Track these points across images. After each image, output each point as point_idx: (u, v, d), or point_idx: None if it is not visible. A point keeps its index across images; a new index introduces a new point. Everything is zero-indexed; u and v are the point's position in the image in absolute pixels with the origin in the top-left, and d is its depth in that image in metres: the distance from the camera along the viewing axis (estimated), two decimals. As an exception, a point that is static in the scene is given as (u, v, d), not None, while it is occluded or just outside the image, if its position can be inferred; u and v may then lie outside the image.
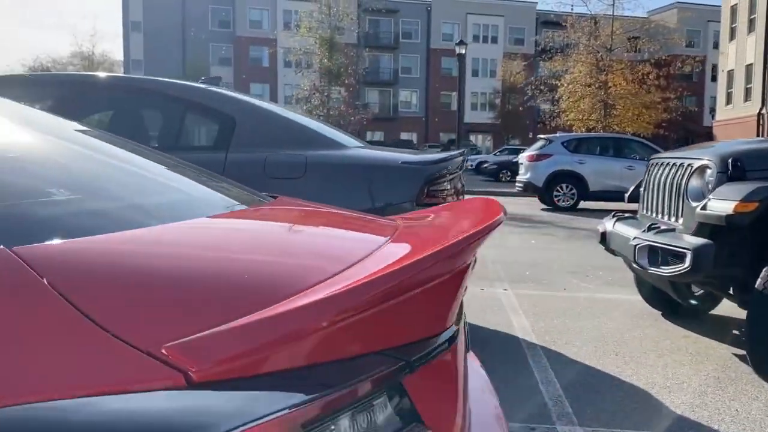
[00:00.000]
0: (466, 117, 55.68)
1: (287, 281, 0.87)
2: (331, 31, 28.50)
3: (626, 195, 5.07)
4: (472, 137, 56.30)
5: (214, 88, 3.92)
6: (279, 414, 0.66)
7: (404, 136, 54.79)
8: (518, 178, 15.53)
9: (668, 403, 3.20)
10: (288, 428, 0.67)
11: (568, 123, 25.72)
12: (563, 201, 14.23)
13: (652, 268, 3.73)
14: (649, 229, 3.90)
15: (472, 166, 35.35)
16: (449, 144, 41.78)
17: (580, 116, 25.17)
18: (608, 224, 4.59)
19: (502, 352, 3.99)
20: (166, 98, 3.80)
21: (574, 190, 14.16)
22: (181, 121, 3.78)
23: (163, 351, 0.68)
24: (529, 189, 14.73)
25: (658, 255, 3.70)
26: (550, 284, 6.10)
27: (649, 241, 3.78)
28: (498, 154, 33.83)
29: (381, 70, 56.63)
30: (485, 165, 31.74)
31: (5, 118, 1.39)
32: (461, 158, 4.19)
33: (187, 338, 0.69)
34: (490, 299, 5.36)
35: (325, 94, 29.16)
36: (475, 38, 55.74)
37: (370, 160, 3.65)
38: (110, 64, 57.55)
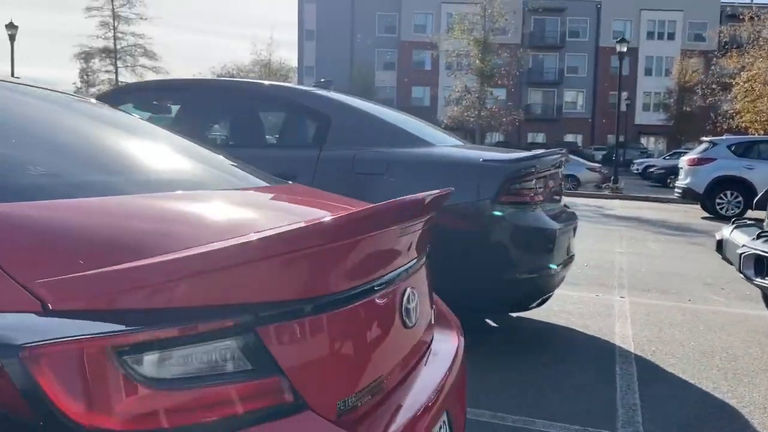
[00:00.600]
0: (637, 118, 52.59)
1: (157, 243, 1.04)
2: (485, 33, 28.38)
3: (754, 201, 4.66)
4: (643, 140, 53.08)
5: (314, 90, 4.21)
6: (86, 336, 0.84)
7: (569, 138, 52.99)
8: (677, 183, 14.49)
9: (757, 424, 2.95)
10: (96, 348, 0.84)
11: (743, 125, 23.36)
12: (728, 209, 13.05)
13: (757, 279, 3.44)
14: (759, 237, 3.58)
15: (638, 170, 33.34)
16: (619, 145, 39.72)
17: (758, 117, 22.74)
18: (726, 232, 4.26)
19: (590, 358, 3.88)
20: (273, 99, 4.16)
21: (740, 198, 12.94)
22: (284, 120, 4.12)
23: (33, 285, 0.88)
24: (688, 195, 13.69)
25: (764, 265, 3.40)
26: (676, 294, 5.72)
27: (756, 249, 3.48)
28: (667, 157, 31.57)
29: (545, 70, 55.20)
30: (652, 169, 29.81)
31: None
32: (556, 157, 4.13)
33: (55, 278, 0.89)
34: (600, 306, 5.17)
35: (476, 95, 29.10)
36: (649, 35, 52.52)
37: (450, 158, 3.73)
38: (286, 70, 61.67)
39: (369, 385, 1.21)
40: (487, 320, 4.59)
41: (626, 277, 6.42)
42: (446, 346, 1.71)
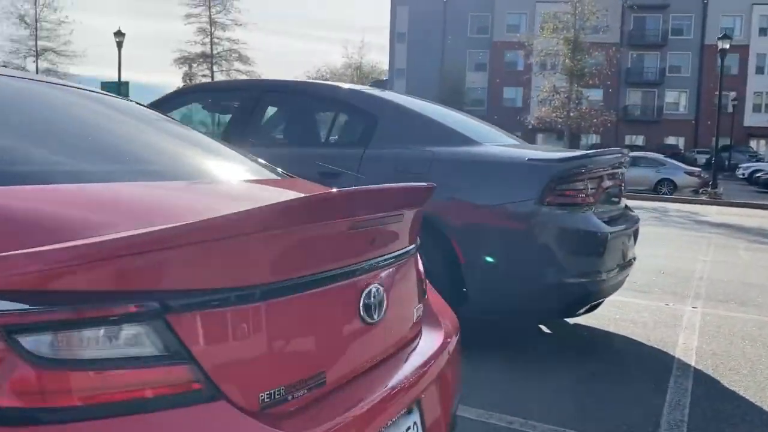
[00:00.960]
0: (746, 120, 49.42)
1: (84, 229, 1.06)
2: (576, 31, 27.42)
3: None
4: (752, 142, 49.81)
5: (362, 89, 4.23)
6: None
7: (670, 140, 50.48)
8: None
9: (817, 451, 2.69)
10: None
11: None
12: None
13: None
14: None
15: (743, 174, 31.29)
16: (724, 148, 37.46)
17: None
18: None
19: (643, 369, 3.67)
20: (322, 99, 4.22)
21: None
22: (333, 120, 4.15)
23: None
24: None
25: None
26: (757, 307, 5.31)
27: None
28: (779, 162, 29.43)
29: (645, 70, 52.84)
30: (759, 174, 27.90)
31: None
32: (613, 157, 3.94)
33: None
34: (668, 315, 4.88)
35: (565, 95, 28.21)
36: (761, 31, 49.17)
37: (494, 157, 3.63)
38: (378, 73, 62.32)
39: (305, 380, 1.19)
40: (541, 326, 4.44)
41: (704, 287, 6.03)
42: (428, 345, 1.66)
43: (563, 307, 3.55)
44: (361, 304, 1.36)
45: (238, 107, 4.37)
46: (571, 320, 4.53)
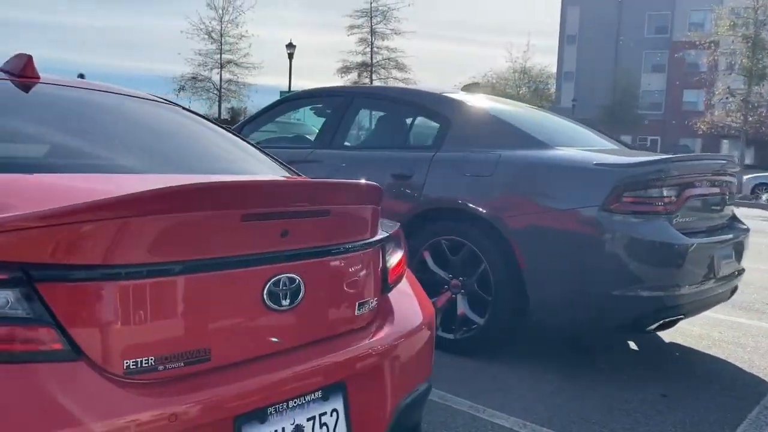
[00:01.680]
0: None
1: None
2: (756, 27, 24.55)
3: None
4: None
5: (437, 92, 4.26)
6: None
7: None
8: None
9: None
10: None
11: None
12: None
13: None
14: None
15: None
16: None
17: None
18: None
19: (724, 396, 3.32)
20: (398, 102, 4.32)
21: None
22: (409, 123, 4.23)
23: None
24: None
25: None
26: None
27: None
28: None
29: None
30: None
31: None
32: (710, 162, 3.64)
33: None
34: (791, 342, 4.34)
35: (741, 98, 25.40)
36: None
37: (561, 160, 3.49)
38: (546, 76, 60.58)
39: (182, 353, 1.31)
40: (630, 342, 4.17)
41: None
42: (374, 337, 1.71)
43: (629, 322, 3.32)
44: (265, 291, 1.45)
45: (331, 112, 4.60)
46: (666, 338, 4.20)
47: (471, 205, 3.62)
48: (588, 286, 3.29)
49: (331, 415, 1.57)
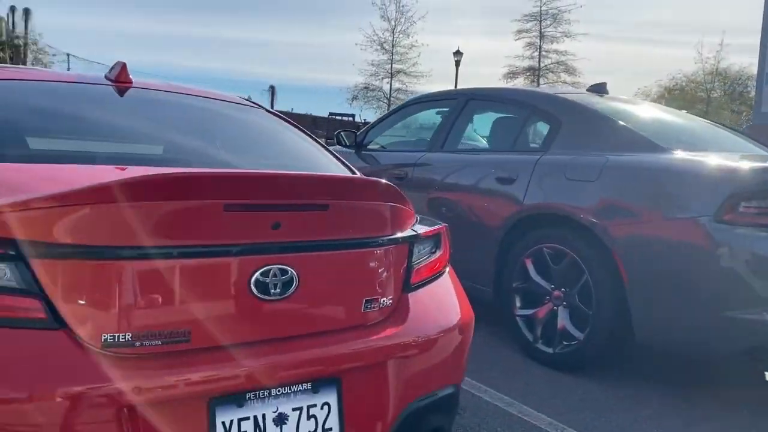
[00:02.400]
0: None
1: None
2: None
3: None
4: None
5: (550, 92, 4.05)
6: None
7: None
8: None
9: None
10: None
11: None
12: None
13: None
14: None
15: None
16: None
17: None
18: None
19: None
20: (508, 103, 4.19)
21: None
22: (519, 124, 4.07)
23: None
24: None
25: None
26: None
27: None
28: None
29: None
30: None
31: None
32: None
33: None
34: None
35: None
36: None
37: (672, 165, 3.15)
38: (746, 78, 54.90)
39: (160, 332, 1.40)
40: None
41: None
42: (383, 335, 1.69)
43: (745, 349, 2.92)
44: (252, 280, 1.50)
45: (445, 114, 4.58)
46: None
47: (573, 211, 3.41)
48: (696, 304, 2.96)
49: (322, 408, 1.58)
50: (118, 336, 1.37)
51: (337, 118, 34.00)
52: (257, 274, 1.50)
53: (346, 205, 1.67)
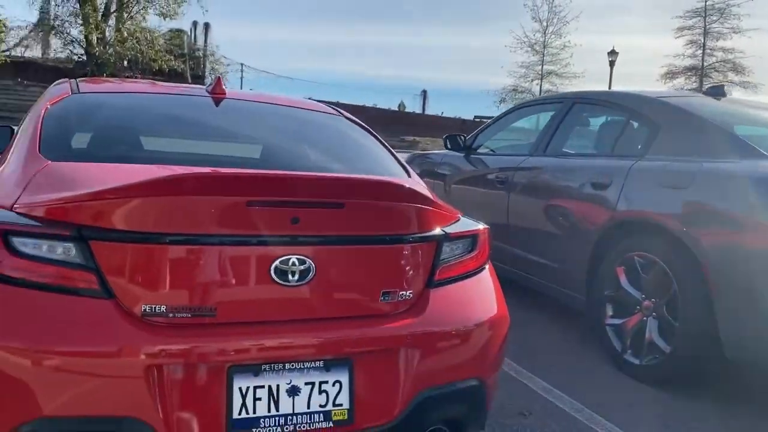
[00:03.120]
0: None
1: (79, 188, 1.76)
2: None
3: None
4: None
5: (651, 95, 3.89)
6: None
7: None
8: None
9: None
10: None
11: None
12: None
13: None
14: None
15: None
16: None
17: None
18: None
19: None
20: (608, 107, 4.07)
21: None
22: (617, 128, 3.96)
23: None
24: None
25: None
26: None
27: None
28: None
29: None
30: None
31: None
32: None
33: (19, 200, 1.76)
34: None
35: None
36: None
37: (763, 173, 2.94)
38: None
39: (190, 307, 1.65)
40: None
41: None
42: (400, 324, 1.85)
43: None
44: (272, 268, 1.71)
45: (551, 118, 4.56)
46: None
47: (662, 219, 3.29)
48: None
49: (333, 386, 1.75)
50: (155, 307, 1.64)
51: (484, 120, 33.90)
52: (277, 262, 1.72)
53: (361, 204, 1.83)
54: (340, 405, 1.76)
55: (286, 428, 1.70)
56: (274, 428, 1.69)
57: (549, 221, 4.18)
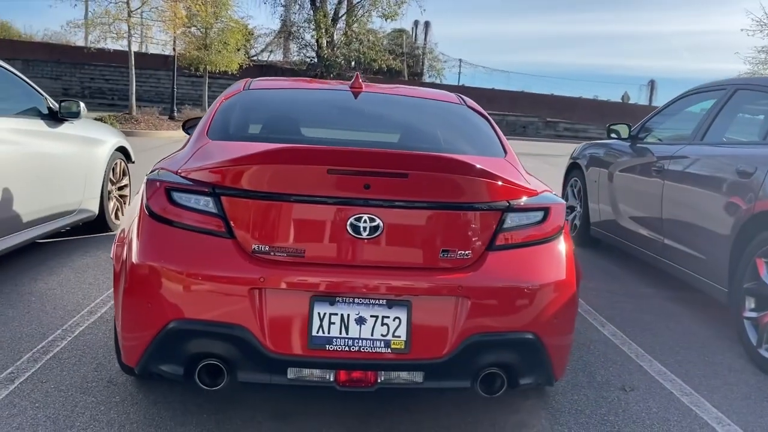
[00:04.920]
0: None
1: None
2: None
3: None
4: None
5: None
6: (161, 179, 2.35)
7: None
8: None
9: None
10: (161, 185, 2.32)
11: None
12: None
13: None
14: None
15: None
16: None
17: None
18: None
19: None
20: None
21: None
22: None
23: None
24: None
25: None
26: None
27: None
28: None
29: None
30: None
31: None
32: None
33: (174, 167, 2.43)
34: None
35: None
36: None
37: None
38: None
39: (285, 248, 2.17)
40: None
41: None
42: (445, 276, 2.20)
43: None
44: (348, 223, 2.17)
45: (712, 105, 4.40)
46: None
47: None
48: None
49: (394, 321, 2.16)
50: (261, 246, 2.18)
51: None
52: (351, 219, 2.17)
53: (423, 176, 2.20)
54: (399, 336, 2.17)
55: (353, 348, 2.15)
56: (344, 347, 2.15)
57: (696, 211, 4.09)
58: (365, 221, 2.18)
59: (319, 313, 2.16)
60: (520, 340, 2.27)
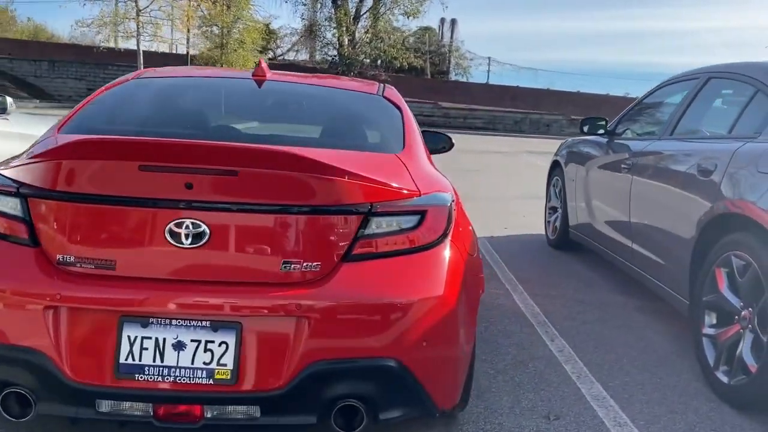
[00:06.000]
0: None
1: None
2: None
3: None
4: None
5: None
6: None
7: None
8: None
9: None
10: None
11: None
12: None
13: None
14: None
15: None
16: None
17: None
18: None
19: None
20: (741, 82, 3.38)
21: None
22: (740, 107, 3.29)
23: None
24: None
25: None
26: None
27: None
28: None
29: None
30: None
31: None
32: None
33: None
34: None
35: None
36: None
37: None
38: None
39: (93, 259, 1.86)
40: None
41: None
42: (286, 293, 1.86)
43: None
44: (167, 230, 1.85)
45: (683, 97, 3.97)
46: None
47: (758, 213, 2.72)
48: None
49: (219, 346, 1.83)
50: (66, 257, 1.88)
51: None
52: (171, 225, 1.85)
53: (258, 174, 1.86)
54: (224, 365, 1.84)
55: (168, 378, 1.83)
56: (157, 377, 1.83)
57: (660, 213, 3.67)
58: (187, 227, 1.85)
59: (129, 337, 1.84)
60: (378, 367, 1.92)
